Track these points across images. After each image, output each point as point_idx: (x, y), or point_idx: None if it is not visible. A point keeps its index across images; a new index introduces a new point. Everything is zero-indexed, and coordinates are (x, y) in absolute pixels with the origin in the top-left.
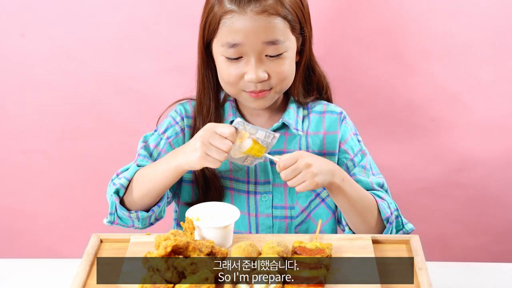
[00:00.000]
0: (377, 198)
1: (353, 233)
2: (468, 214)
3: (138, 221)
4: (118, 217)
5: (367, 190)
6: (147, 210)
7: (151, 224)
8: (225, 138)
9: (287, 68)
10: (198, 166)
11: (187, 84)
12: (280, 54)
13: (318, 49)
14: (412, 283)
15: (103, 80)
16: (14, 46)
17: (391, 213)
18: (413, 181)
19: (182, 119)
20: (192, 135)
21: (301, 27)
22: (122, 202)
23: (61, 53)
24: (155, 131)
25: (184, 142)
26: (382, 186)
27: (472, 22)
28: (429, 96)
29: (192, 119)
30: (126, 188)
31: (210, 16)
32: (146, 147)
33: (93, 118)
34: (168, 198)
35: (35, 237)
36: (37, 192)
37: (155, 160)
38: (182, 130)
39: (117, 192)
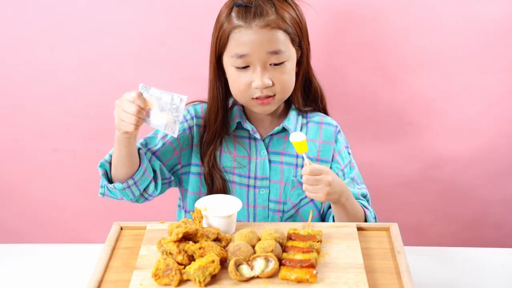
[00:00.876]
0: (364, 209)
1: None
2: (441, 205)
3: (119, 192)
4: (108, 189)
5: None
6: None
7: (146, 198)
8: (132, 102)
9: (288, 77)
10: (121, 130)
11: (196, 91)
12: (283, 62)
13: (312, 62)
14: (392, 265)
15: (123, 88)
16: (46, 59)
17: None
18: (393, 176)
19: (192, 118)
20: (200, 133)
21: (300, 40)
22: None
23: (87, 64)
24: None
25: (191, 139)
26: (365, 197)
27: (444, 38)
28: (407, 103)
29: (201, 119)
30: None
31: (220, 32)
32: (151, 137)
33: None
34: (166, 179)
35: (65, 225)
36: (66, 185)
37: (157, 149)
38: (190, 128)
39: (101, 165)
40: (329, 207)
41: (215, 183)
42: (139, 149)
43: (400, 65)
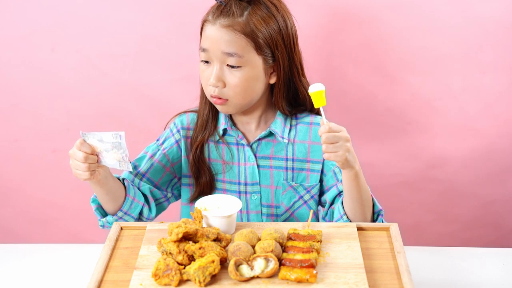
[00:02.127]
0: (371, 193)
1: None
2: (440, 205)
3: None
4: (107, 221)
5: None
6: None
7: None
8: (79, 150)
9: (243, 83)
10: (80, 179)
11: (196, 91)
12: (239, 66)
13: (311, 61)
14: (392, 265)
15: (122, 88)
16: (46, 59)
17: (381, 209)
18: (392, 176)
19: (178, 131)
20: (188, 145)
21: (273, 51)
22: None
23: (86, 64)
24: (157, 140)
25: (178, 153)
26: None
27: (443, 38)
28: (406, 102)
29: (188, 130)
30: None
31: (200, 25)
32: (140, 157)
33: (114, 121)
34: (161, 198)
35: (64, 225)
36: (66, 185)
37: (146, 171)
38: (177, 141)
39: (93, 201)
40: (331, 203)
41: (202, 178)
42: (123, 179)
43: (399, 64)
